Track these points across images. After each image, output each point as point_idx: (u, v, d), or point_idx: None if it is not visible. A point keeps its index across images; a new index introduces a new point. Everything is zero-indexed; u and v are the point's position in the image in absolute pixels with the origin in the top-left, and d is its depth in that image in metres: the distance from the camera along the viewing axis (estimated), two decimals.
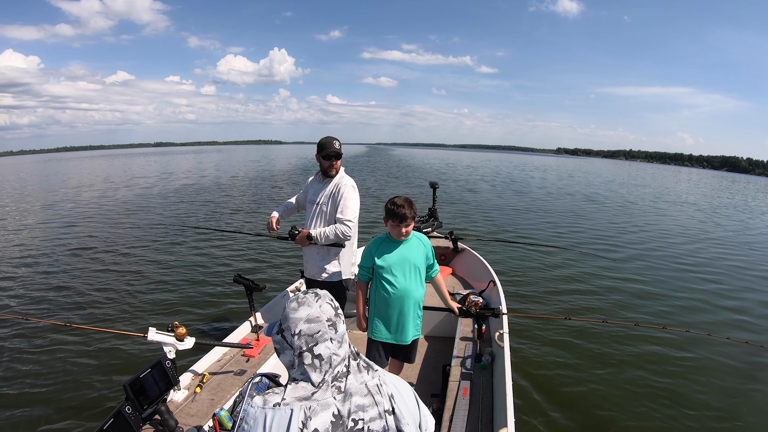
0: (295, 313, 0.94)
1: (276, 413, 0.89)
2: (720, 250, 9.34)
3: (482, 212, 12.93)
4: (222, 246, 7.80)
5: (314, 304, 0.95)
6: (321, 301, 0.97)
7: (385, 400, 0.96)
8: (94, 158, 73.34)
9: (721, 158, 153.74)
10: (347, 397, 0.92)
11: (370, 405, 0.94)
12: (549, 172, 38.14)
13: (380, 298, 2.27)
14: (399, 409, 0.97)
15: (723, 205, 20.05)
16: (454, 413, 2.06)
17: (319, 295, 0.98)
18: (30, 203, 13.78)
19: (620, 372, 3.89)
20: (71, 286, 5.64)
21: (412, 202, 2.18)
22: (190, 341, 2.19)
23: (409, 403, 1.01)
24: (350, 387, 0.94)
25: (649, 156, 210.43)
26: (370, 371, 0.99)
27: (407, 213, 2.13)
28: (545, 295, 5.75)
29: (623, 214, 14.28)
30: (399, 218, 2.14)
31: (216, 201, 13.58)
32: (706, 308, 5.60)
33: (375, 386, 0.96)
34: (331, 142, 2.73)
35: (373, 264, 2.26)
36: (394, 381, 1.02)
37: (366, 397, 0.94)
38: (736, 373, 3.92)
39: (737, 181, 53.34)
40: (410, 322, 2.30)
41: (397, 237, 2.22)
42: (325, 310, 0.96)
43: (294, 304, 0.96)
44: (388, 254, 2.23)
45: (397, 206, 2.14)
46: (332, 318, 0.96)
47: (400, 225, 2.16)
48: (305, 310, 0.94)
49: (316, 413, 0.89)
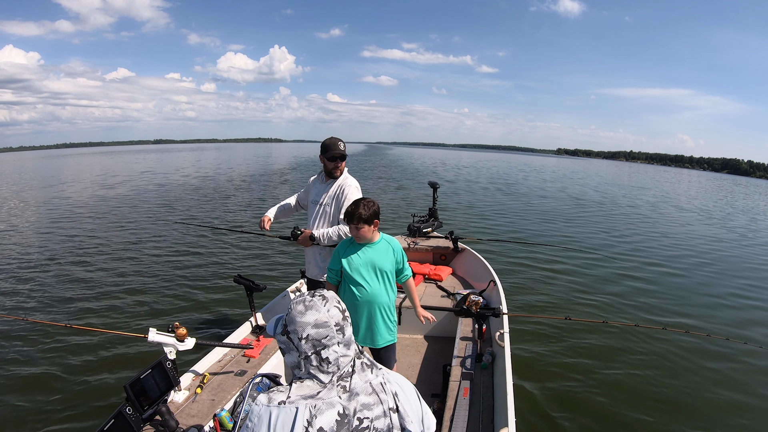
0: (303, 317, 0.93)
1: (281, 411, 0.89)
2: (720, 251, 9.35)
3: (483, 212, 12.93)
4: (222, 246, 7.80)
5: (322, 309, 0.94)
6: (329, 304, 0.95)
7: (390, 398, 0.96)
8: (94, 155, 73.45)
9: (722, 161, 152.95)
10: (352, 396, 0.92)
11: (375, 403, 0.94)
12: (549, 173, 38.09)
13: (348, 302, 2.20)
14: (403, 407, 0.97)
15: (723, 206, 20.05)
16: (455, 413, 2.06)
17: (327, 299, 0.97)
18: (28, 201, 13.76)
19: (620, 372, 3.89)
20: (71, 287, 5.63)
21: (370, 204, 2.14)
22: (191, 342, 2.19)
23: (412, 401, 1.01)
24: (355, 386, 0.93)
25: (649, 157, 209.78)
26: (374, 369, 0.99)
27: (354, 212, 2.10)
28: (546, 295, 5.75)
29: (623, 215, 14.30)
30: (347, 217, 2.14)
31: (216, 200, 13.57)
32: (706, 309, 5.60)
33: (379, 384, 0.96)
34: (336, 143, 2.73)
35: (340, 267, 2.23)
36: (398, 379, 1.03)
37: (371, 395, 0.94)
38: (734, 374, 3.92)
39: (740, 183, 52.89)
40: (381, 327, 2.25)
41: (355, 239, 2.21)
42: (333, 314, 0.95)
43: (301, 307, 0.94)
44: (354, 258, 2.20)
45: (351, 206, 2.14)
46: (340, 322, 0.95)
47: (350, 225, 2.15)
48: (313, 314, 0.93)
49: (321, 412, 0.89)
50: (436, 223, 5.14)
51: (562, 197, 18.51)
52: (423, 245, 4.61)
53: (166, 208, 12.02)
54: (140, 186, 18.06)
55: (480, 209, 13.51)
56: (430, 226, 4.99)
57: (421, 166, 36.79)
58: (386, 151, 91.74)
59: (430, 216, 5.22)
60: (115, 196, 14.66)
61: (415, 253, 4.57)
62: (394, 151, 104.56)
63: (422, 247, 4.59)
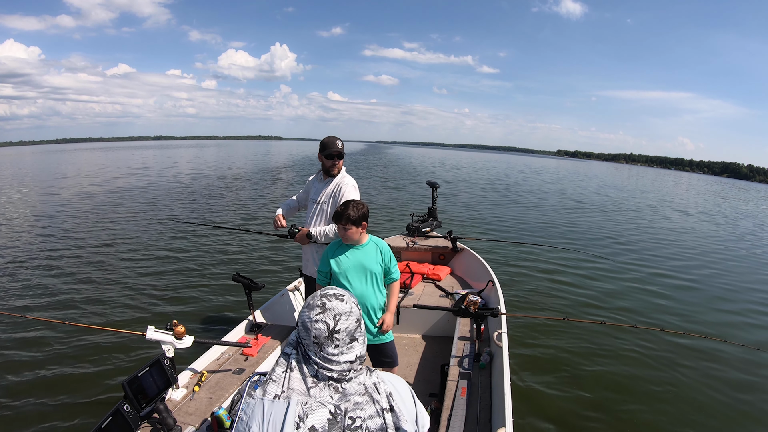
0: (316, 323, 0.94)
1: (274, 406, 0.90)
2: (720, 252, 9.37)
3: (483, 212, 12.94)
4: (221, 244, 7.79)
5: (331, 320, 0.94)
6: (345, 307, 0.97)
7: (383, 399, 0.96)
8: (93, 150, 73.28)
9: (722, 164, 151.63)
10: (344, 396, 0.93)
11: (368, 403, 0.94)
12: (549, 174, 38.01)
13: None
14: (398, 407, 0.98)
15: (725, 209, 20.08)
16: (453, 413, 2.06)
17: (344, 298, 0.98)
18: (26, 197, 13.72)
19: (618, 373, 3.90)
20: (69, 284, 5.62)
21: (359, 206, 2.16)
22: (189, 340, 2.19)
23: (406, 401, 1.02)
24: (348, 387, 0.94)
25: (649, 160, 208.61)
26: (368, 371, 1.00)
27: (342, 212, 2.13)
28: (544, 295, 5.76)
29: (623, 217, 14.32)
30: (336, 217, 2.17)
31: (215, 198, 13.54)
32: (705, 311, 5.61)
33: (372, 385, 0.97)
34: (334, 141, 2.74)
35: (329, 269, 2.25)
36: (392, 379, 1.03)
37: (363, 396, 0.95)
38: (733, 375, 3.93)
39: (740, 187, 52.39)
40: (370, 328, 2.30)
41: (342, 239, 2.24)
42: (354, 312, 0.98)
43: (317, 312, 0.95)
44: (342, 259, 2.23)
45: (341, 207, 2.17)
46: (352, 332, 0.97)
47: (338, 225, 2.18)
48: (341, 306, 0.96)
49: (312, 410, 0.89)
50: (435, 223, 5.14)
51: (560, 198, 18.55)
52: (422, 245, 4.61)
53: (165, 205, 11.99)
54: (138, 182, 18.01)
55: (481, 209, 13.52)
56: (429, 226, 4.99)
57: (420, 166, 36.77)
58: (385, 151, 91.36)
59: (429, 216, 5.22)
60: (112, 193, 14.62)
61: (414, 252, 4.57)
62: (393, 150, 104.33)
63: (421, 246, 4.60)
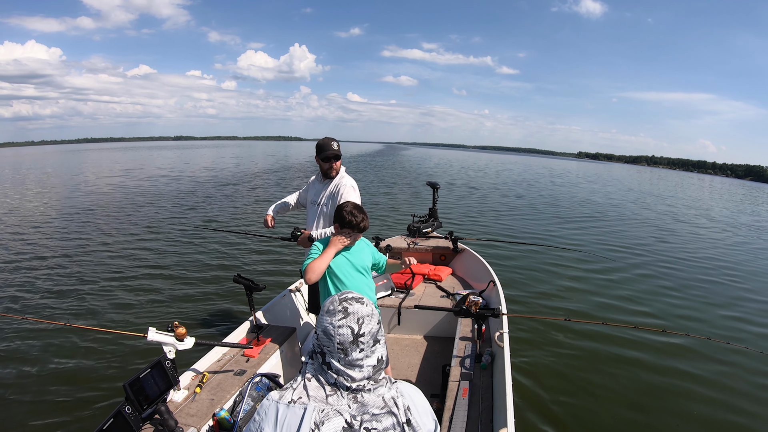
0: (340, 329, 0.94)
1: (289, 410, 0.90)
2: (719, 253, 9.35)
3: (483, 213, 12.93)
4: (222, 245, 7.79)
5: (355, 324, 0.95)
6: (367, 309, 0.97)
7: (401, 413, 0.95)
8: (112, 150, 73.81)
9: (746, 167, 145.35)
10: (362, 407, 0.92)
11: (385, 416, 0.93)
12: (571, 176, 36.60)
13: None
14: (416, 421, 0.96)
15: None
16: (454, 413, 2.06)
17: (364, 301, 0.98)
18: (30, 199, 13.74)
19: (620, 373, 3.89)
20: (70, 286, 5.63)
21: (365, 214, 2.23)
22: (190, 341, 2.19)
23: (423, 414, 1.00)
24: (366, 399, 0.93)
25: (671, 162, 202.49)
26: (387, 383, 0.98)
27: (357, 223, 2.18)
28: (545, 295, 5.75)
29: (623, 218, 14.29)
30: (348, 225, 2.19)
31: (219, 199, 13.55)
32: (707, 313, 5.58)
33: (391, 399, 0.95)
34: (329, 143, 2.74)
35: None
36: (410, 392, 1.02)
37: (382, 408, 0.94)
38: (733, 377, 3.92)
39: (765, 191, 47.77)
40: None
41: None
42: (375, 317, 0.98)
43: (339, 318, 0.95)
44: (337, 257, 2.24)
45: (351, 214, 2.19)
46: (375, 334, 0.97)
47: (343, 229, 2.21)
48: (363, 309, 0.96)
49: (329, 417, 0.89)
50: (435, 224, 5.13)
51: (563, 199, 18.53)
52: (423, 245, 4.61)
53: (165, 207, 12.00)
54: (144, 184, 18.03)
55: (481, 210, 13.50)
56: (430, 227, 4.99)
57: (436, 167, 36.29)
58: (402, 152, 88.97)
59: (430, 216, 5.21)
60: (116, 195, 14.64)
61: (415, 253, 4.56)
62: (410, 151, 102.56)
63: (422, 247, 4.59)
